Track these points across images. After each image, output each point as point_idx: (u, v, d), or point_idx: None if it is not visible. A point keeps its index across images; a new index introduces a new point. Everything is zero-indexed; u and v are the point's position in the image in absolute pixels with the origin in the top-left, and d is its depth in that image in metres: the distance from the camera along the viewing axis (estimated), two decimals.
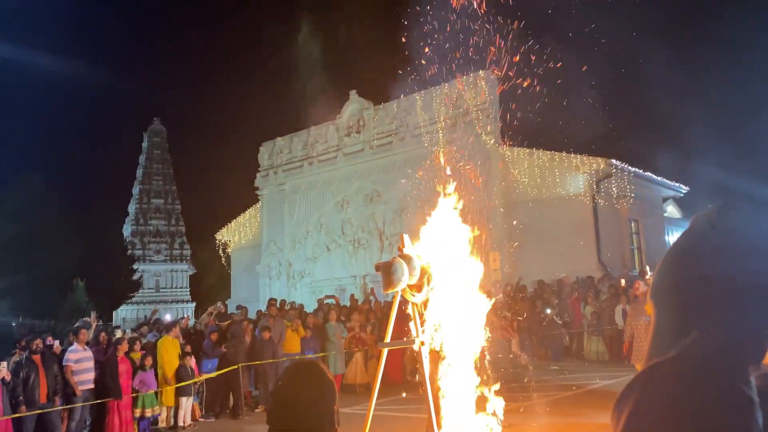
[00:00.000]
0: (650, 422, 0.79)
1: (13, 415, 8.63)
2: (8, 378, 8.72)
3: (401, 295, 7.52)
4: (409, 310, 7.45)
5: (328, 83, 26.13)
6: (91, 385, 9.65)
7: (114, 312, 33.07)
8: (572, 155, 18.36)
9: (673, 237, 23.07)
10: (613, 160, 18.07)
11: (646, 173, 19.82)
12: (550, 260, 17.05)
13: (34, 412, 8.83)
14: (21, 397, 8.86)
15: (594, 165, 18.18)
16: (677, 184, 21.93)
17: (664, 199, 22.85)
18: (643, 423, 0.79)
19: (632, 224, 19.81)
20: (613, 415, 0.86)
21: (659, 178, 20.69)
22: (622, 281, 15.43)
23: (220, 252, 29.38)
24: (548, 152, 18.65)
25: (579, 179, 18.26)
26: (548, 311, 15.02)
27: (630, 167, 18.72)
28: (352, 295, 18.28)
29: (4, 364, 8.68)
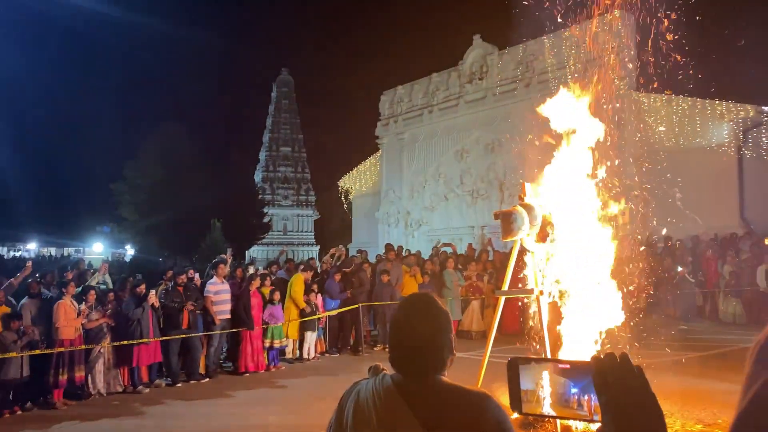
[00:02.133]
0: None
1: (162, 338, 9.67)
2: (158, 305, 9.74)
3: (520, 245, 7.42)
4: (528, 260, 7.35)
5: (452, 28, 25.56)
6: (228, 315, 10.53)
7: (246, 252, 35.49)
8: (716, 102, 16.74)
9: None
10: (765, 107, 16.26)
11: None
12: (687, 215, 15.90)
13: (179, 336, 9.82)
14: (167, 323, 9.89)
15: (742, 112, 16.47)
16: None
17: None
18: None
19: None
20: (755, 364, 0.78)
21: None
22: (767, 240, 14.10)
23: (343, 198, 30.36)
24: (689, 99, 17.14)
25: (723, 128, 16.67)
26: (680, 269, 14.13)
27: None
28: (470, 245, 18.25)
29: (153, 292, 9.68)
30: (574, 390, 1.03)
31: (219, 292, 10.47)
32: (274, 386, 9.64)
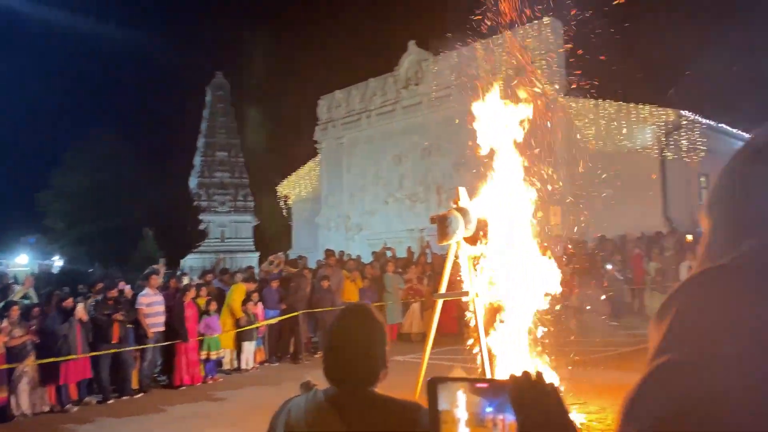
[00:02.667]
0: (698, 328, 0.71)
1: (91, 353, 9.27)
2: (85, 319, 9.33)
3: (456, 248, 7.54)
4: (464, 262, 7.47)
5: (387, 34, 25.77)
6: (162, 328, 10.21)
7: (181, 260, 34.57)
8: (640, 106, 17.55)
9: None
10: (684, 112, 17.17)
11: (720, 125, 18.76)
12: (614, 215, 16.57)
13: (110, 351, 9.45)
14: (97, 338, 9.50)
15: (663, 116, 17.33)
16: None
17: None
18: (689, 329, 0.71)
19: (702, 179, 18.91)
20: (657, 315, 0.78)
21: (734, 130, 19.55)
22: (689, 237, 14.87)
23: (282, 204, 30.04)
24: (615, 103, 17.89)
25: (647, 131, 17.48)
26: (609, 267, 14.70)
27: (702, 119, 17.76)
28: (409, 248, 18.42)
29: (81, 306, 9.27)
30: (489, 409, 1.03)
31: (151, 304, 10.14)
32: (211, 399, 9.40)
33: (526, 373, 0.98)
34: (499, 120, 7.94)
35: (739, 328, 0.68)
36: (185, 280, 12.42)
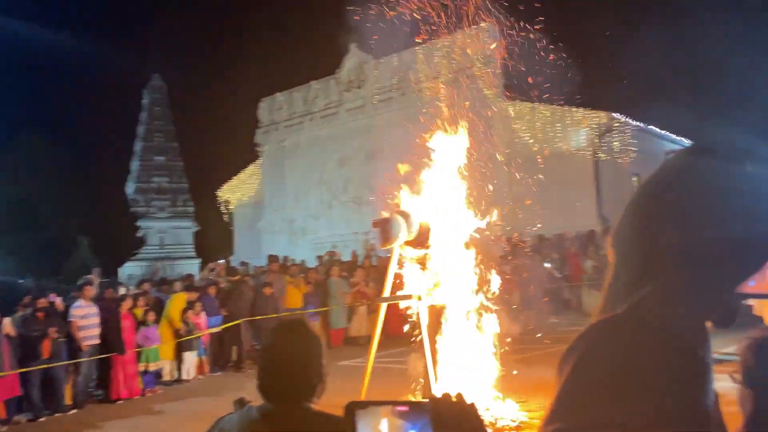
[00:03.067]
0: (593, 378, 0.74)
1: (19, 370, 8.82)
2: (13, 334, 8.87)
3: (399, 251, 7.58)
4: (406, 266, 7.52)
5: (329, 35, 25.68)
6: (97, 341, 9.81)
7: (119, 269, 33.41)
8: (574, 109, 18.14)
9: None
10: (616, 114, 17.86)
11: (649, 127, 19.60)
12: (552, 215, 17.03)
13: (40, 367, 9.01)
14: (26, 353, 9.04)
15: (596, 119, 17.98)
16: (681, 138, 21.69)
17: (667, 153, 22.65)
18: (584, 379, 0.75)
19: (634, 179, 19.70)
20: (559, 367, 0.81)
21: (662, 132, 20.47)
22: None
23: (223, 209, 29.47)
24: (550, 106, 18.42)
25: (581, 134, 18.09)
26: (547, 265, 15.09)
27: (633, 121, 18.51)
28: (354, 252, 18.39)
29: (8, 320, 8.81)
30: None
31: (86, 316, 9.73)
32: (150, 412, 9.10)
33: (446, 395, 0.98)
34: (439, 122, 8.05)
35: (629, 382, 0.71)
36: (121, 290, 12.00)
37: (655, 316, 0.74)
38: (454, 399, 0.98)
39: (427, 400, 0.99)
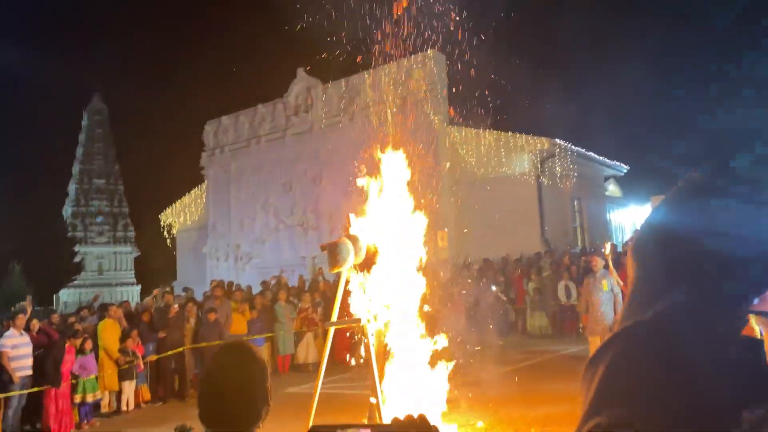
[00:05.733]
0: (630, 377, 0.73)
1: None
2: None
3: (347, 275, 7.56)
4: (355, 290, 7.50)
5: (276, 59, 25.67)
6: (29, 372, 9.31)
7: (55, 296, 31.97)
8: (517, 135, 18.68)
9: (613, 215, 23.85)
10: (557, 140, 18.47)
11: (589, 153, 20.36)
12: (496, 238, 17.37)
13: None
14: None
15: (538, 145, 18.54)
16: (618, 164, 22.62)
17: (606, 178, 23.55)
18: (621, 379, 0.73)
19: (575, 202, 20.36)
20: (585, 375, 0.78)
21: (601, 158, 21.29)
22: (566, 258, 15.87)
23: (165, 234, 28.70)
24: (494, 132, 18.91)
25: (524, 159, 18.61)
26: (493, 288, 15.33)
27: (573, 146, 19.19)
28: (301, 276, 18.21)
29: None
30: None
31: (17, 346, 9.24)
32: None
33: (409, 417, 0.99)
34: (385, 148, 8.14)
35: (657, 391, 0.71)
36: (54, 318, 11.47)
37: (687, 314, 0.75)
38: (417, 421, 0.99)
39: (390, 422, 1.00)
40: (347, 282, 7.62)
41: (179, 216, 28.10)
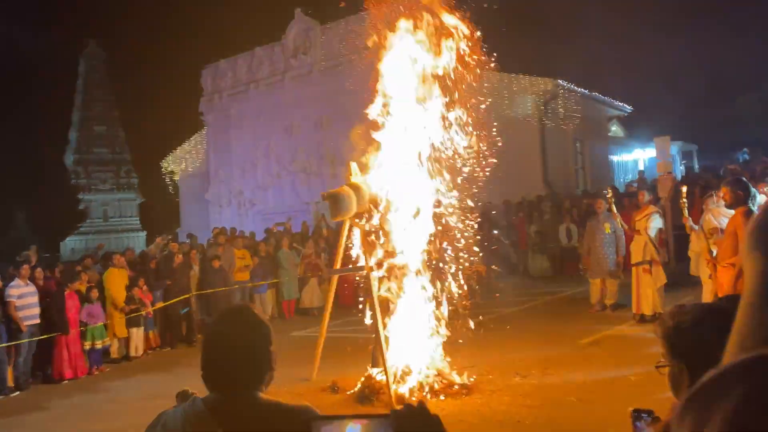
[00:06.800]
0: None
1: None
2: None
3: (350, 223, 7.57)
4: (358, 237, 7.51)
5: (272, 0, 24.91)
6: (37, 320, 9.47)
7: (61, 243, 32.25)
8: (521, 76, 18.29)
9: (617, 157, 23.65)
10: (560, 81, 18.11)
11: (593, 93, 20.00)
12: (499, 182, 17.23)
13: None
14: None
15: (542, 85, 18.19)
16: (622, 104, 22.25)
17: (609, 119, 23.19)
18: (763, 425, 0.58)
19: (577, 144, 20.14)
20: (690, 413, 0.63)
21: (605, 98, 20.93)
22: (567, 201, 15.85)
23: (168, 180, 28.67)
24: (498, 73, 18.50)
25: (527, 101, 18.29)
26: (496, 231, 15.36)
27: (576, 87, 18.83)
28: (304, 222, 18.25)
29: None
30: None
31: (23, 296, 9.36)
32: (97, 391, 8.91)
33: (408, 405, 0.98)
34: (392, 88, 7.95)
35: None
36: (57, 273, 11.58)
37: None
38: (416, 409, 0.97)
39: (389, 412, 0.99)
40: (350, 230, 7.63)
41: (180, 163, 27.99)
